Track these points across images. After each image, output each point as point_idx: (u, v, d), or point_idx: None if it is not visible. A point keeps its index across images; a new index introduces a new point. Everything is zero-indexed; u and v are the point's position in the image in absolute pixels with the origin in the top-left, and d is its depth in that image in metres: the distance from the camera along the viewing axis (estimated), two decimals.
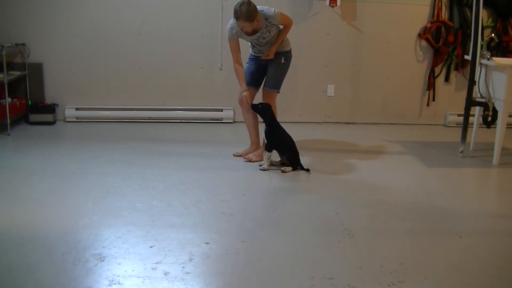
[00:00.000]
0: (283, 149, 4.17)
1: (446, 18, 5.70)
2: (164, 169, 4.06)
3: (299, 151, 4.18)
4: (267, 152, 4.11)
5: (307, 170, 4.10)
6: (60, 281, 2.42)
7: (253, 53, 4.32)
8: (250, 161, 4.32)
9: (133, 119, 5.63)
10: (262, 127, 4.24)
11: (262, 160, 4.20)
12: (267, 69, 4.28)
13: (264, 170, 4.10)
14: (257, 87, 4.35)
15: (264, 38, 4.09)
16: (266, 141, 4.15)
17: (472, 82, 4.61)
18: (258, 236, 2.98)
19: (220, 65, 5.64)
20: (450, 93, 5.96)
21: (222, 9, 5.50)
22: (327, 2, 5.46)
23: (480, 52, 4.52)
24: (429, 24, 5.68)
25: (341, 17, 5.66)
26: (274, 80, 4.25)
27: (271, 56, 4.19)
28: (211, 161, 4.34)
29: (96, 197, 3.45)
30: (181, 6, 5.51)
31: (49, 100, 5.57)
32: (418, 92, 5.95)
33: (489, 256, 2.85)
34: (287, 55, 4.27)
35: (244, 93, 4.16)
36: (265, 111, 4.08)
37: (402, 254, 2.79)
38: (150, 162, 4.24)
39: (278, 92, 4.30)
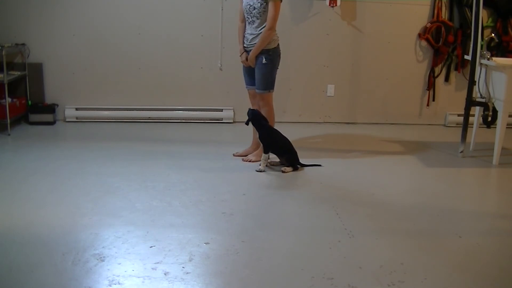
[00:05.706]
0: (280, 152, 4.17)
1: (446, 18, 5.70)
2: (164, 169, 4.06)
3: (297, 151, 4.18)
4: (264, 154, 4.11)
5: (303, 166, 4.14)
6: (60, 281, 2.42)
7: (244, 43, 4.28)
8: (249, 161, 4.32)
9: (133, 119, 5.63)
10: None
11: None
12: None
13: (260, 171, 4.09)
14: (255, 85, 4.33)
15: (254, 8, 4.07)
16: (261, 144, 4.15)
17: (472, 82, 4.61)
18: (258, 236, 2.98)
19: (220, 65, 5.64)
20: (450, 93, 5.96)
21: (222, 9, 5.50)
22: (327, 2, 5.46)
23: (480, 52, 4.52)
24: (429, 24, 5.68)
25: (341, 17, 5.66)
26: (260, 81, 4.18)
27: (251, 64, 4.19)
28: (211, 161, 4.34)
29: (96, 197, 3.45)
30: (181, 6, 5.50)
31: (49, 100, 5.57)
32: (418, 92, 5.95)
33: (489, 256, 2.85)
34: (269, 53, 4.13)
35: (241, 57, 4.31)
36: (252, 119, 4.09)
37: (402, 254, 2.79)
38: (150, 162, 4.24)
39: (270, 92, 4.22)
